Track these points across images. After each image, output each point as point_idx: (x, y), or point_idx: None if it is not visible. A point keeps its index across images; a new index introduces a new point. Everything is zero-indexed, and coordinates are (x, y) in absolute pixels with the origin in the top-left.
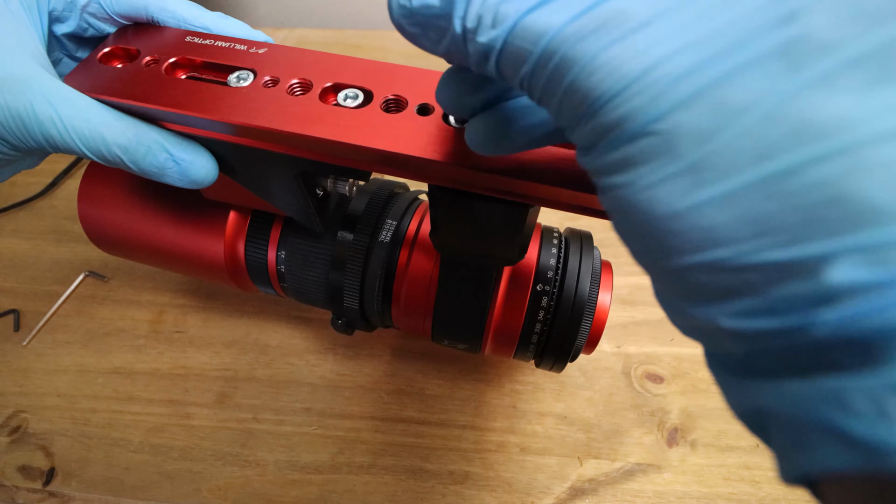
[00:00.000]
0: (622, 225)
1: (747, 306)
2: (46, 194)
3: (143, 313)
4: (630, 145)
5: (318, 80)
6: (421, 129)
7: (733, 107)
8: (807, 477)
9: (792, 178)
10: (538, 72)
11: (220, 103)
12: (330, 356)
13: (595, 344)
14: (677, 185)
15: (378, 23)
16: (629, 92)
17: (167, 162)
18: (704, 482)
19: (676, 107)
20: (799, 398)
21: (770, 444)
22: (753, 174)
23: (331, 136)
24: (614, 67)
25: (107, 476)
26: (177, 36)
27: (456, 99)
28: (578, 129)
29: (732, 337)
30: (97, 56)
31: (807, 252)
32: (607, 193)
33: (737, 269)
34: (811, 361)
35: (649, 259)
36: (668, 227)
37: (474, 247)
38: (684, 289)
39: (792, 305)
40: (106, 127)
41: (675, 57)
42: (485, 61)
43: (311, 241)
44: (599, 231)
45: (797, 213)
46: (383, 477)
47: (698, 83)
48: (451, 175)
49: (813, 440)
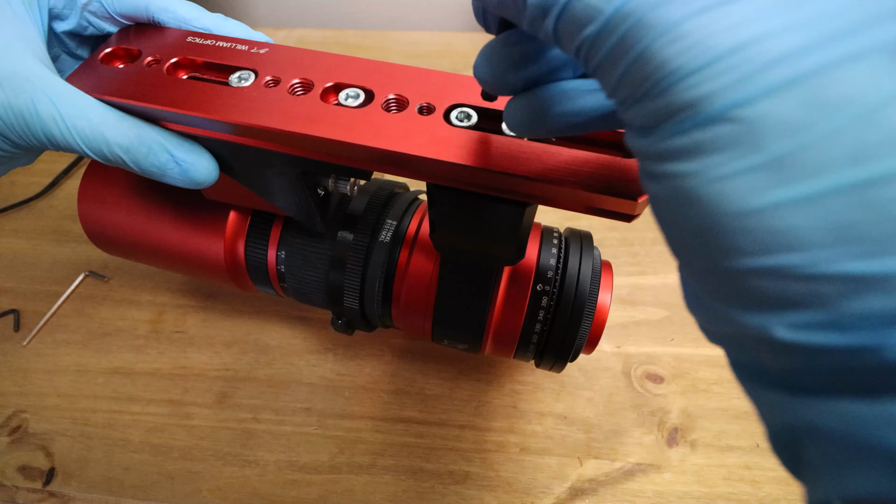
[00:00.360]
0: (672, 216)
1: (812, 318)
2: (46, 194)
3: (143, 313)
4: (704, 130)
5: (319, 80)
6: (422, 129)
7: (832, 101)
8: (849, 501)
9: (884, 186)
10: (604, 36)
11: (221, 103)
12: (330, 356)
13: (595, 344)
14: (755, 180)
15: (378, 23)
16: (713, 69)
17: (168, 162)
18: (704, 482)
19: (767, 93)
20: (857, 420)
21: (797, 464)
22: (845, 177)
23: (332, 136)
24: (699, 39)
25: (107, 476)
26: (178, 36)
27: (499, 74)
28: (639, 106)
29: (785, 349)
30: (99, 56)
31: (890, 267)
32: (661, 181)
33: (808, 277)
34: (877, 383)
35: (699, 256)
36: (736, 224)
37: (472, 246)
38: (738, 293)
39: (865, 322)
40: (107, 127)
41: (774, 37)
42: (542, 17)
43: (312, 241)
44: (599, 231)
45: (885, 225)
46: (383, 477)
47: (796, 70)
48: (451, 174)
49: (866, 465)
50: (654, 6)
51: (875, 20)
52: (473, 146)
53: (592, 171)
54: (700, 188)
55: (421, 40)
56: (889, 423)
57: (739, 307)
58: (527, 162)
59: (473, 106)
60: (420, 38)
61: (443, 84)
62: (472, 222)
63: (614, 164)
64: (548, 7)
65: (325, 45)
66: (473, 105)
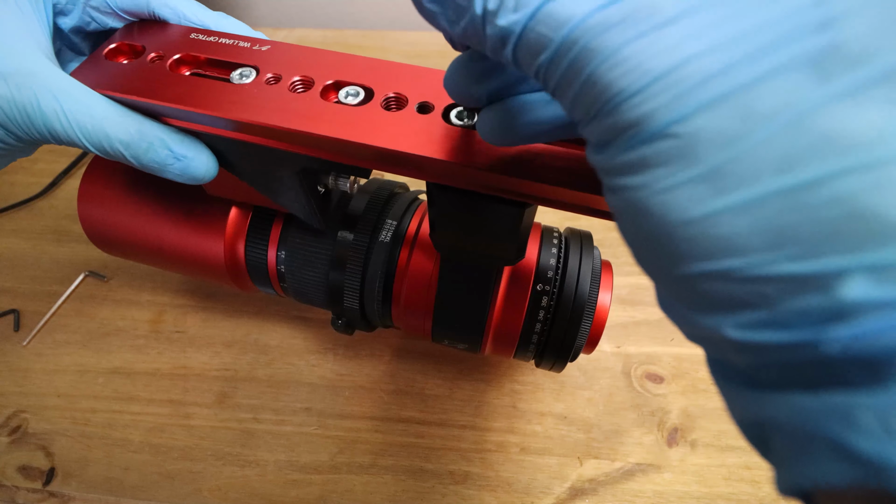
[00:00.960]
0: (629, 227)
1: (757, 318)
2: (46, 194)
3: (143, 313)
4: (648, 146)
5: (319, 78)
6: (420, 127)
7: (759, 113)
8: (805, 489)
9: (813, 190)
10: (556, 61)
11: (222, 100)
12: (330, 356)
13: (595, 344)
14: (695, 190)
15: (378, 23)
16: (652, 90)
17: (168, 158)
18: (704, 482)
19: (701, 109)
20: (804, 412)
21: (768, 455)
22: (774, 184)
23: (331, 134)
24: (638, 63)
25: (107, 476)
26: (181, 33)
27: (464, 87)
28: (593, 125)
29: (738, 348)
30: (103, 52)
31: (823, 266)
32: (617, 194)
33: (750, 279)
34: (819, 376)
35: (656, 264)
36: (681, 233)
37: (471, 246)
38: (691, 296)
39: (804, 320)
40: (109, 122)
41: (704, 56)
42: (502, 46)
43: (312, 241)
44: (599, 231)
45: (816, 227)
46: (383, 477)
47: (726, 86)
48: (450, 173)
49: (815, 454)
50: (598, 33)
51: (798, 33)
52: (470, 145)
53: (587, 172)
54: (648, 200)
55: (421, 40)
56: (831, 414)
57: (695, 310)
58: (525, 162)
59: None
60: (420, 38)
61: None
62: (471, 222)
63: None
64: (505, 37)
65: (324, 45)
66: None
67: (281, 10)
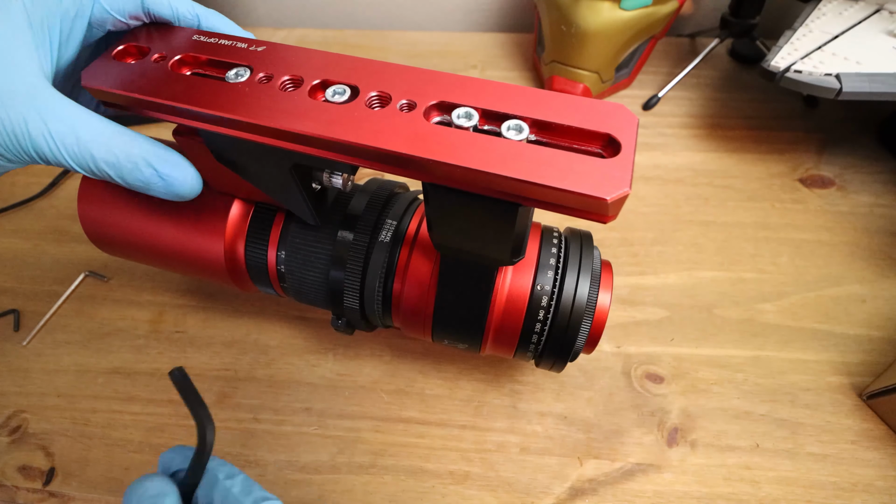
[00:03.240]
0: None
1: None
2: (46, 194)
3: (143, 313)
4: None
5: (308, 77)
6: (402, 125)
7: None
8: None
9: None
10: None
11: (217, 98)
12: (330, 356)
13: (595, 344)
14: None
15: (378, 23)
16: None
17: (152, 177)
18: (704, 482)
19: None
20: None
21: None
22: None
23: (314, 132)
24: None
25: (107, 476)
26: (185, 35)
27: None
28: None
29: None
30: (112, 52)
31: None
32: None
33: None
34: None
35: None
36: None
37: (467, 245)
38: None
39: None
40: (95, 144)
41: None
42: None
43: (312, 241)
44: (599, 231)
45: None
46: (383, 477)
47: None
48: (435, 171)
49: None
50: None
51: None
52: (451, 143)
53: (567, 171)
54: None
55: (420, 40)
56: None
57: None
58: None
59: (457, 104)
60: (420, 38)
61: (428, 82)
62: (465, 221)
63: (589, 164)
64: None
65: (325, 45)
66: (457, 103)
67: (281, 10)
